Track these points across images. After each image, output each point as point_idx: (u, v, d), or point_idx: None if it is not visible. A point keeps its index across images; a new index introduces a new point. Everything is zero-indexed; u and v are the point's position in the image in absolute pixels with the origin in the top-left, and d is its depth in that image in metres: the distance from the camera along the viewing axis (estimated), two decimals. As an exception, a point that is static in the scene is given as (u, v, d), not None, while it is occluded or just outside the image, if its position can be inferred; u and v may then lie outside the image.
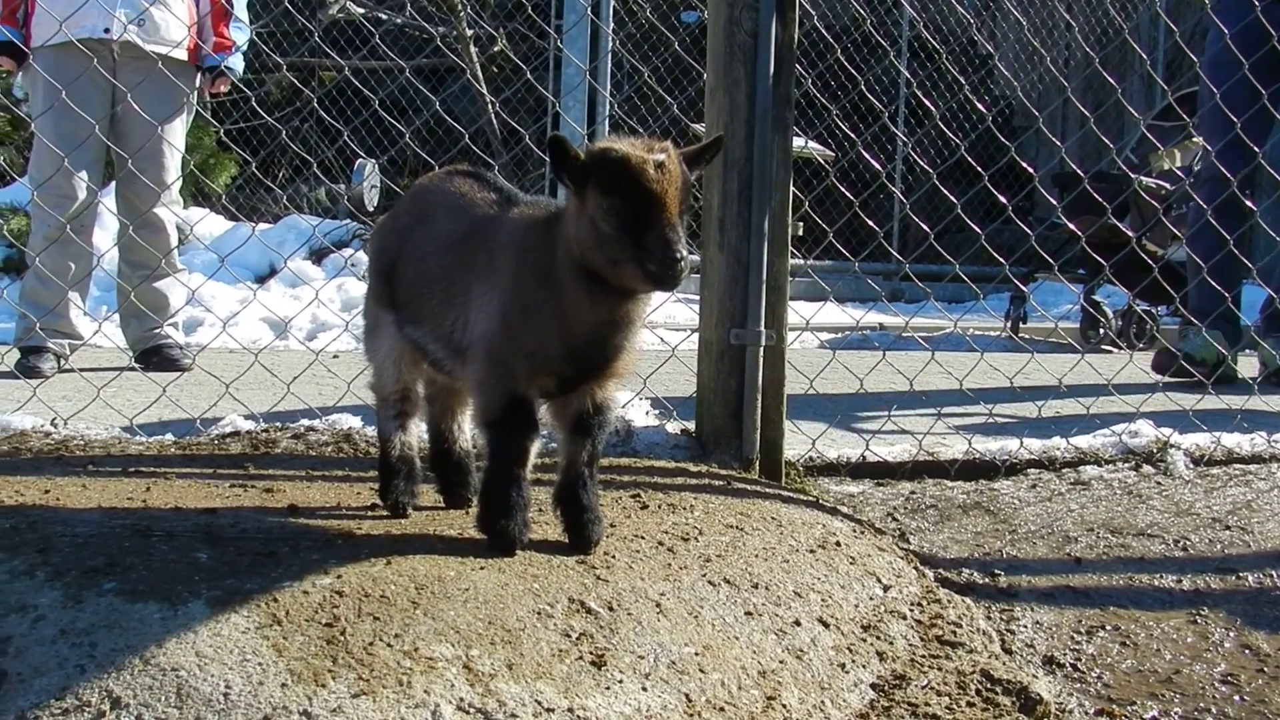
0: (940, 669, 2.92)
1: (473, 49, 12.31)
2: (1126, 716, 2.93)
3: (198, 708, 2.20)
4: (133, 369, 5.32)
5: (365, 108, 10.78)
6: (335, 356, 6.72)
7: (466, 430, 3.22)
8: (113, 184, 7.25)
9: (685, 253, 2.54)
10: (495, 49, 13.23)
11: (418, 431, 3.22)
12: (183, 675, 2.25)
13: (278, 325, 8.58)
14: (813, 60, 10.58)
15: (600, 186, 2.57)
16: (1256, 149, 5.96)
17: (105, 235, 8.41)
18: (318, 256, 10.69)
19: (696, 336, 4.36)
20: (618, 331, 2.77)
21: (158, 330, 6.93)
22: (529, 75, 5.37)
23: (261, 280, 10.15)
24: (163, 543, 2.71)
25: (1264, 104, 5.57)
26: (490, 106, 11.36)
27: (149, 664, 2.28)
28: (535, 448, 2.86)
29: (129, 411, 4.65)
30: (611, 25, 11.54)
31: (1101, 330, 9.90)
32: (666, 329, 8.54)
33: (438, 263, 2.96)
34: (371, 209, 11.02)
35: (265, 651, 2.33)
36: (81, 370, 5.54)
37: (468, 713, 2.30)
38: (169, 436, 4.39)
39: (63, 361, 6.56)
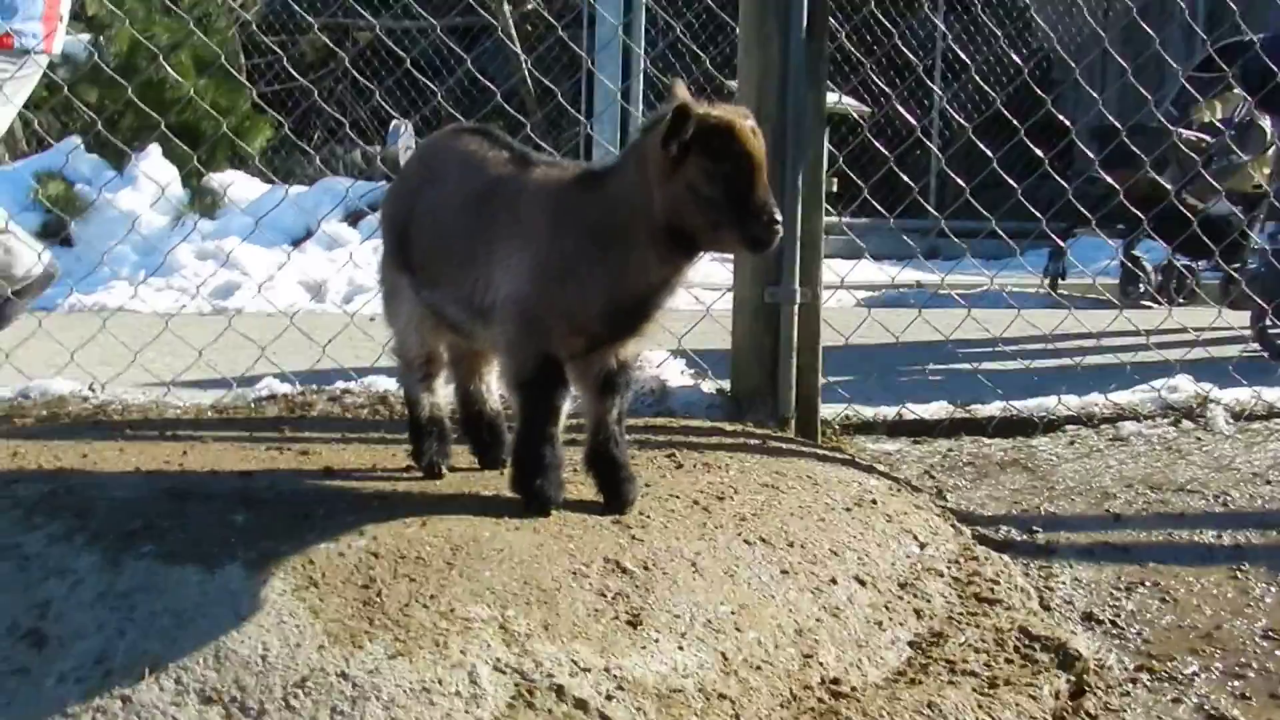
0: (978, 626, 2.91)
1: (506, 7, 12.27)
2: (1166, 672, 2.92)
3: (235, 669, 2.22)
4: (171, 333, 5.30)
5: (399, 68, 10.76)
6: (372, 319, 6.70)
7: (495, 390, 3.21)
8: None
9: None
10: (528, 6, 13.18)
11: (445, 392, 3.22)
12: (221, 637, 2.27)
13: (314, 288, 8.60)
14: (847, 14, 10.48)
15: (706, 153, 2.59)
16: None
17: None
18: (354, 219, 10.68)
19: (731, 295, 4.35)
20: (666, 292, 2.81)
21: None
22: (561, 33, 5.33)
23: (298, 243, 10.14)
24: (199, 506, 2.72)
25: None
26: (524, 65, 11.32)
27: (187, 626, 2.30)
28: (567, 407, 2.86)
29: (167, 375, 4.67)
30: (645, -20, 11.45)
31: (1141, 285, 9.80)
32: (703, 288, 8.52)
33: (453, 224, 2.95)
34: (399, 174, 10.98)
35: (302, 613, 2.35)
36: (115, 336, 5.57)
37: (504, 673, 2.32)
38: (206, 400, 4.41)
39: None
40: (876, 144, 5.44)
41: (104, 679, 2.20)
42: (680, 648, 2.50)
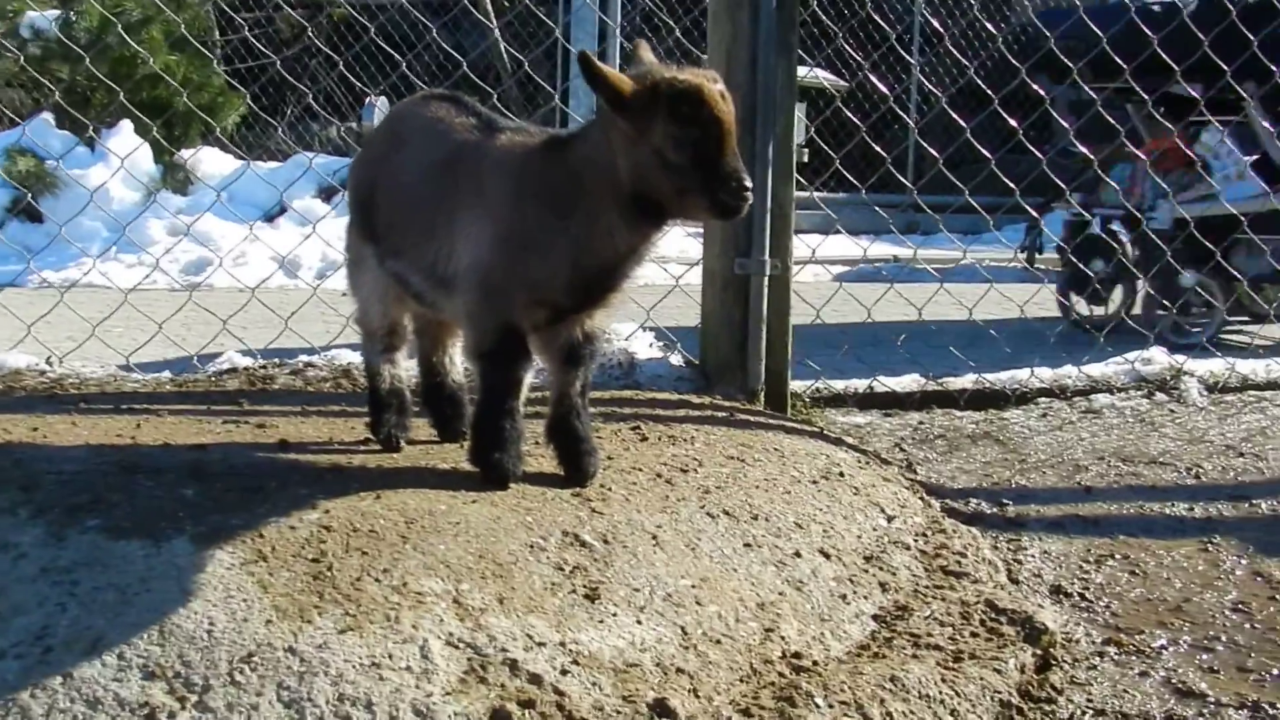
0: (944, 599, 2.87)
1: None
2: (1134, 645, 2.88)
3: (180, 645, 2.17)
4: (131, 307, 5.24)
5: (374, 42, 10.69)
6: (344, 294, 6.66)
7: (458, 363, 3.17)
8: None
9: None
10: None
11: (407, 364, 3.17)
12: (166, 612, 2.22)
13: (287, 263, 8.52)
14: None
15: (673, 117, 2.54)
16: None
17: None
18: (326, 194, 10.60)
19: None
20: (633, 261, 2.76)
21: None
22: (529, 4, 5.27)
23: (271, 219, 10.07)
24: (149, 479, 2.67)
25: None
26: (496, 35, 11.24)
27: (131, 601, 2.24)
28: (528, 378, 2.81)
29: (131, 351, 4.61)
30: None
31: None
32: (679, 263, 8.47)
33: (417, 191, 2.89)
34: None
35: (250, 588, 2.29)
36: (81, 312, 5.50)
37: (456, 647, 2.26)
38: (165, 374, 4.35)
39: None
40: (850, 115, 5.39)
41: (44, 655, 2.14)
42: (639, 622, 2.45)
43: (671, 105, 2.54)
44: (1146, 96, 5.69)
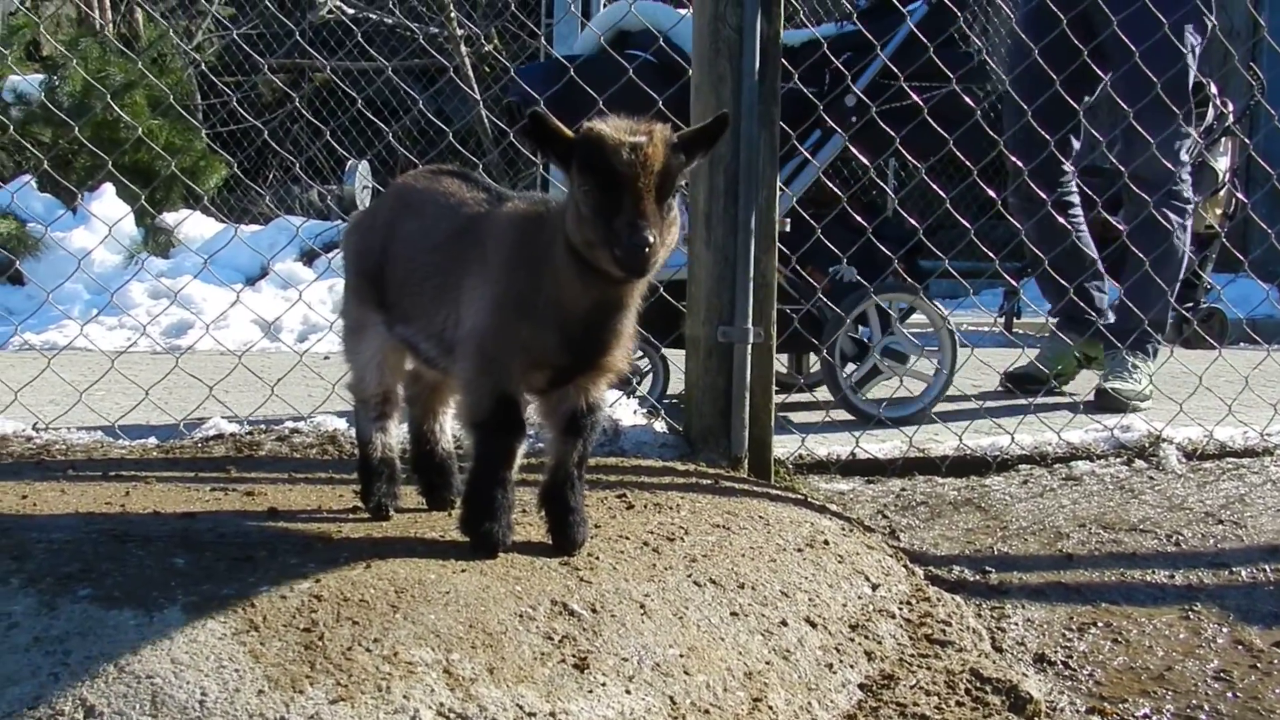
0: (929, 668, 2.89)
1: (463, 48, 12.27)
2: (1118, 714, 2.90)
3: (173, 715, 2.18)
4: (118, 372, 5.25)
5: (354, 108, 10.76)
6: (326, 358, 6.67)
7: (449, 431, 3.19)
8: None
9: (654, 238, 2.47)
10: (486, 48, 13.18)
11: (398, 432, 3.19)
12: (158, 682, 2.23)
13: (268, 327, 8.53)
14: (803, 56, 10.54)
15: (580, 167, 2.55)
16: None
17: None
18: (308, 258, 10.62)
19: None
20: (611, 315, 2.72)
21: None
22: (514, 75, 5.32)
23: (253, 282, 10.08)
24: (139, 548, 2.68)
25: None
26: (480, 105, 11.32)
27: (124, 671, 2.25)
28: (522, 449, 2.83)
29: (115, 415, 4.62)
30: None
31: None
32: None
33: (429, 260, 2.92)
34: (362, 210, 10.90)
35: (242, 658, 2.30)
36: (64, 375, 5.50)
37: (447, 717, 2.28)
38: (152, 440, 4.35)
39: None
40: (831, 185, 5.45)
41: (37, 726, 2.15)
42: (628, 691, 2.46)
43: (580, 154, 2.54)
44: None
